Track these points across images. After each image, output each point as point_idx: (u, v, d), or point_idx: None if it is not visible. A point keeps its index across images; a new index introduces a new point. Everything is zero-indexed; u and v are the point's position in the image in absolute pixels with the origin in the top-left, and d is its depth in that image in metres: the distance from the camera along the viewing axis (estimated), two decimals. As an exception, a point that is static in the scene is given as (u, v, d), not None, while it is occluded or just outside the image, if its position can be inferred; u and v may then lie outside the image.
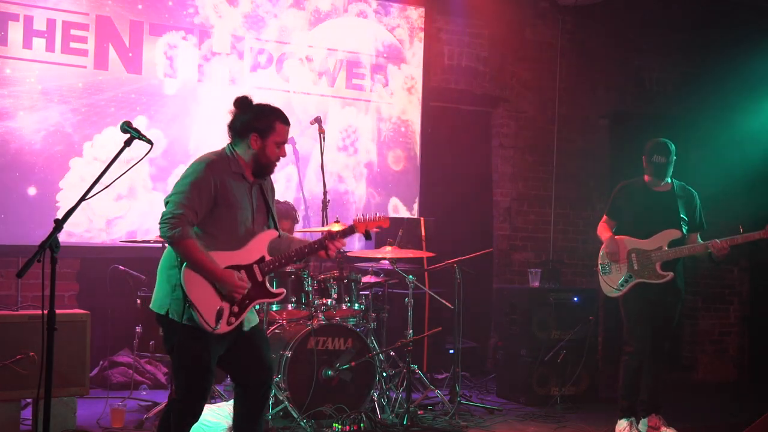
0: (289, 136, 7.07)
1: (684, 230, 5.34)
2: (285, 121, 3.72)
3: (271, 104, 3.75)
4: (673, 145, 5.41)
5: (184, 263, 3.47)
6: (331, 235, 3.82)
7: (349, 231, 3.94)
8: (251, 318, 3.70)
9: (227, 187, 3.56)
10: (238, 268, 3.58)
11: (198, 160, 3.61)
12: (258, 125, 3.63)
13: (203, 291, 3.48)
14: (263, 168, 3.69)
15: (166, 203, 3.51)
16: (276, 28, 7.12)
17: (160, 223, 3.46)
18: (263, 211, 3.76)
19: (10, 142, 6.22)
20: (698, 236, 5.43)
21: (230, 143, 3.70)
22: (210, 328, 3.48)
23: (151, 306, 3.63)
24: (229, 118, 3.72)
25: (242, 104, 3.69)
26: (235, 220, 3.60)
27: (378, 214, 4.07)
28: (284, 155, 3.74)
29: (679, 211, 5.35)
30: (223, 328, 3.52)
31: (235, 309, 3.56)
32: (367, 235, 4.01)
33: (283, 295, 3.84)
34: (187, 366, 3.53)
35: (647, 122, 8.54)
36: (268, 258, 3.68)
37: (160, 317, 3.57)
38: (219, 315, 3.51)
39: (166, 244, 3.59)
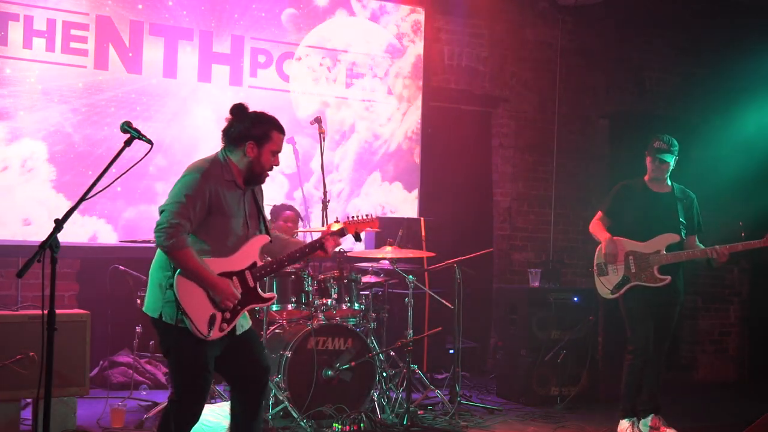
0: (289, 136, 7.18)
1: (683, 234, 5.34)
2: (281, 130, 3.72)
3: (267, 112, 3.74)
4: (676, 141, 5.39)
5: (177, 270, 3.47)
6: (324, 238, 3.84)
7: (339, 233, 3.93)
8: (243, 323, 3.70)
9: (221, 195, 3.57)
10: (230, 274, 3.59)
11: (192, 168, 3.61)
12: (255, 133, 3.63)
13: (196, 298, 3.49)
14: (256, 176, 3.69)
15: (161, 212, 3.51)
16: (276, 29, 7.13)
17: (155, 232, 3.47)
18: (255, 216, 3.76)
19: (11, 142, 6.23)
20: (696, 239, 5.43)
21: (224, 149, 3.69)
22: (202, 335, 3.49)
23: (144, 309, 3.63)
24: (224, 124, 3.72)
25: (239, 112, 3.69)
26: (228, 227, 3.60)
27: (368, 215, 4.06)
28: (278, 164, 3.73)
29: (678, 215, 5.35)
30: (215, 334, 3.53)
31: (227, 315, 3.57)
32: (356, 237, 4.00)
33: (273, 300, 3.85)
34: (185, 366, 3.53)
35: (647, 122, 8.53)
36: (259, 264, 3.69)
37: (154, 321, 3.57)
38: (211, 321, 3.52)
39: (158, 247, 3.59)
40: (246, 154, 3.63)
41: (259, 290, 3.71)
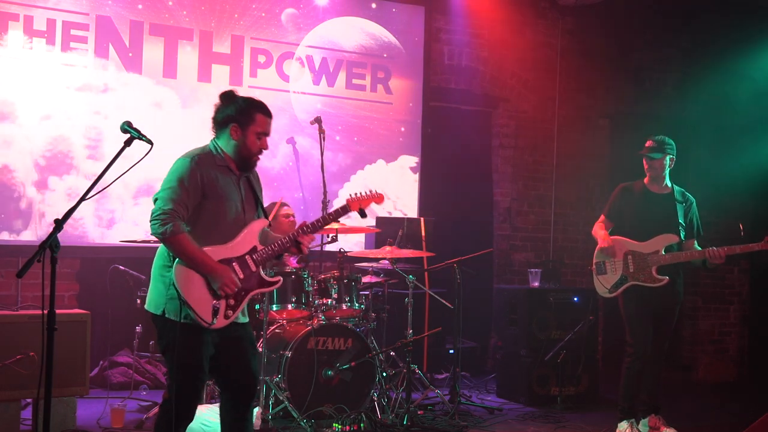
0: (289, 136, 7.17)
1: (681, 235, 5.34)
2: (266, 112, 3.69)
3: (255, 97, 3.73)
4: (671, 140, 5.40)
5: (176, 260, 3.46)
6: (302, 230, 3.76)
7: (342, 211, 3.87)
8: (240, 316, 3.68)
9: (214, 179, 3.56)
10: (230, 260, 3.58)
11: (182, 156, 3.62)
12: (238, 116, 3.63)
13: (197, 287, 3.48)
14: (245, 160, 3.67)
15: (155, 200, 3.51)
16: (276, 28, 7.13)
17: (150, 221, 3.46)
18: (252, 201, 3.75)
19: (11, 142, 6.23)
20: (695, 243, 5.42)
21: (213, 138, 3.70)
22: (207, 323, 3.47)
23: (146, 306, 3.62)
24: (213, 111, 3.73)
25: (226, 97, 3.70)
26: (224, 211, 3.59)
27: (372, 191, 3.99)
28: (266, 147, 3.70)
29: (677, 216, 5.35)
30: (220, 322, 3.51)
31: (231, 302, 3.55)
32: (361, 213, 3.93)
33: (279, 283, 3.80)
34: (181, 366, 3.52)
35: (647, 122, 8.53)
36: (260, 248, 3.67)
37: (155, 318, 3.56)
38: (215, 309, 3.50)
39: (160, 244, 3.58)
40: (231, 138, 3.63)
41: (263, 274, 3.69)
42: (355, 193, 3.96)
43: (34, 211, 6.28)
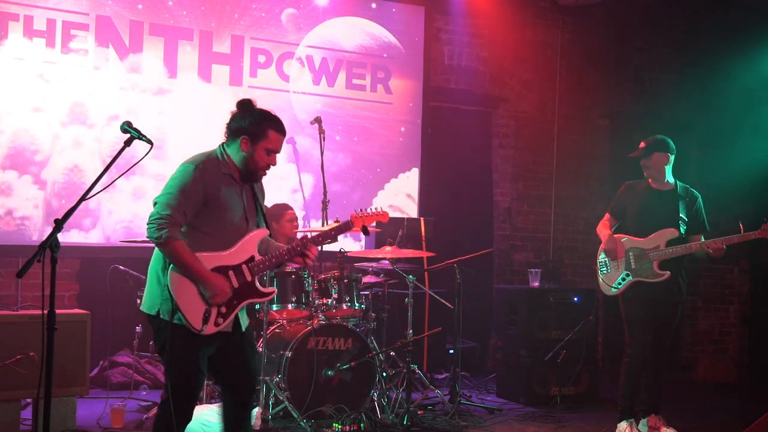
0: (289, 136, 7.16)
1: (682, 230, 5.34)
2: (280, 130, 3.67)
3: (272, 111, 3.71)
4: (662, 137, 5.40)
5: (171, 265, 3.46)
6: (303, 243, 3.74)
7: (344, 227, 3.86)
8: (242, 321, 3.68)
9: (217, 187, 3.55)
10: (226, 268, 3.57)
11: (187, 161, 3.61)
12: (251, 129, 3.61)
13: (189, 293, 3.48)
14: (250, 173, 3.66)
15: (155, 204, 3.51)
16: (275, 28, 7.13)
17: (147, 224, 3.46)
18: (253, 210, 3.74)
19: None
20: (702, 238, 5.42)
21: (223, 144, 3.69)
22: (196, 330, 3.47)
23: (141, 307, 3.63)
24: (228, 117, 3.72)
25: (243, 106, 3.68)
26: (224, 220, 3.58)
27: (376, 208, 3.98)
28: (274, 163, 3.69)
29: (679, 211, 5.35)
30: (210, 329, 3.51)
31: (223, 310, 3.54)
32: (364, 231, 3.92)
33: (273, 295, 3.79)
34: (177, 366, 3.53)
35: (647, 122, 8.53)
36: (258, 258, 3.67)
37: (151, 318, 3.56)
38: (206, 316, 3.50)
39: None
40: (240, 149, 3.62)
41: (258, 285, 3.68)
42: (360, 210, 3.95)
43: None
